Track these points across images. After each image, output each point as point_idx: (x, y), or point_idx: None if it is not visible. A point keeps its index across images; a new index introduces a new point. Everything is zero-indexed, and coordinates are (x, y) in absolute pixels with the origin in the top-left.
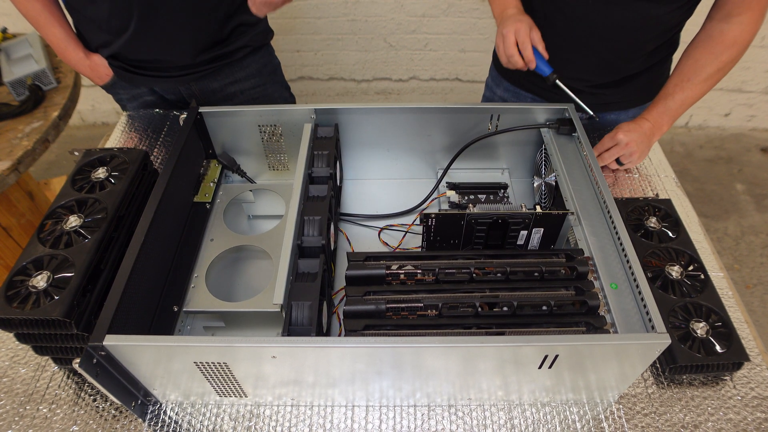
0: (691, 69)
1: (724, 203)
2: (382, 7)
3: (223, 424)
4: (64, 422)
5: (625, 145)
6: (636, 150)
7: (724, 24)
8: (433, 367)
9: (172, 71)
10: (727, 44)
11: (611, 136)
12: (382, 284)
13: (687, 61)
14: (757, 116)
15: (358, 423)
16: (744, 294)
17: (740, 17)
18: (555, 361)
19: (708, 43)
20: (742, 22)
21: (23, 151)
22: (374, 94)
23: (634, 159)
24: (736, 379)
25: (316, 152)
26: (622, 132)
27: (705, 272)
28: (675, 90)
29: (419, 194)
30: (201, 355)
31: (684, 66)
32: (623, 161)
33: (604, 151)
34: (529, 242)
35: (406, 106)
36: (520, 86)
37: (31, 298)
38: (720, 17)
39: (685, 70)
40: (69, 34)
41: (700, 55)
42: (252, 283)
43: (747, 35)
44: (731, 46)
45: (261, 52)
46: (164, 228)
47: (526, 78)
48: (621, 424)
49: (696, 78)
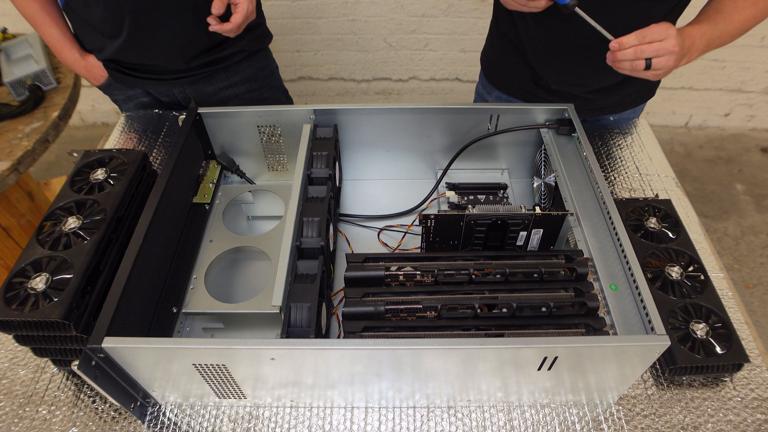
0: (730, 6)
1: (724, 203)
2: (382, 7)
3: (222, 426)
4: (63, 424)
5: (672, 45)
6: (674, 56)
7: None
8: (432, 368)
9: (166, 74)
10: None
11: (658, 29)
12: (381, 286)
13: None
14: (757, 116)
15: (357, 424)
16: (744, 294)
17: None
18: (554, 363)
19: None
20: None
21: (23, 152)
22: (374, 94)
23: (670, 65)
24: (736, 381)
25: (315, 153)
26: (673, 29)
27: (705, 273)
28: (717, 18)
29: (419, 195)
30: (200, 357)
31: (721, 3)
32: (656, 64)
33: (644, 43)
34: (529, 243)
35: (405, 107)
36: (512, 94)
37: (30, 300)
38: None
39: (724, 7)
40: (65, 34)
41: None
42: (251, 285)
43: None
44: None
45: (257, 57)
46: (163, 229)
47: (518, 86)
48: (620, 426)
49: (736, 16)
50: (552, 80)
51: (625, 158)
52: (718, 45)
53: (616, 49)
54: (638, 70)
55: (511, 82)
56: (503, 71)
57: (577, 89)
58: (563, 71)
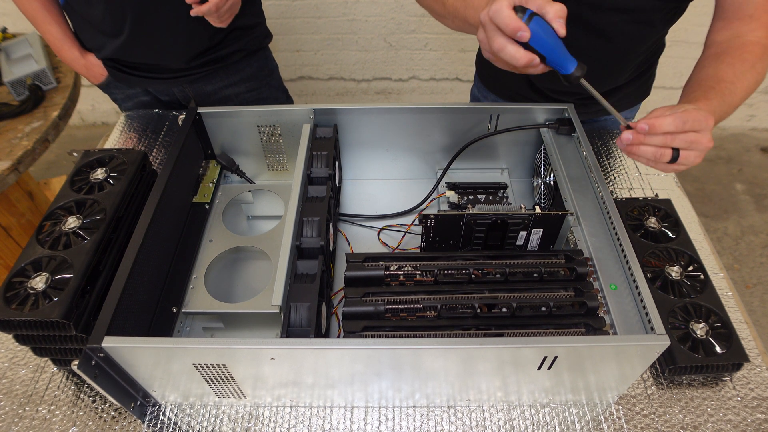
0: (730, 73)
1: (724, 203)
2: (382, 7)
3: (222, 425)
4: (63, 423)
5: (708, 140)
6: (705, 153)
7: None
8: (432, 368)
9: (166, 73)
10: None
11: (698, 117)
12: (381, 285)
13: (720, 66)
14: (757, 116)
15: (357, 424)
16: (744, 294)
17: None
18: (554, 363)
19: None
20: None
21: (23, 151)
22: (374, 94)
23: (696, 162)
24: (735, 380)
25: (315, 153)
26: (711, 120)
27: (705, 272)
28: (722, 89)
29: (418, 194)
30: (200, 356)
31: (718, 70)
32: (683, 158)
33: (681, 131)
34: (529, 243)
35: (405, 107)
36: (507, 98)
37: (30, 300)
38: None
39: (723, 74)
40: (66, 32)
41: (734, 61)
42: (251, 284)
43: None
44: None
45: (257, 56)
46: (163, 229)
47: (513, 90)
48: (620, 425)
49: (739, 84)
50: (547, 86)
51: (625, 158)
52: (719, 122)
53: (645, 132)
54: (659, 161)
55: (506, 86)
56: (498, 75)
57: (573, 97)
58: (558, 77)
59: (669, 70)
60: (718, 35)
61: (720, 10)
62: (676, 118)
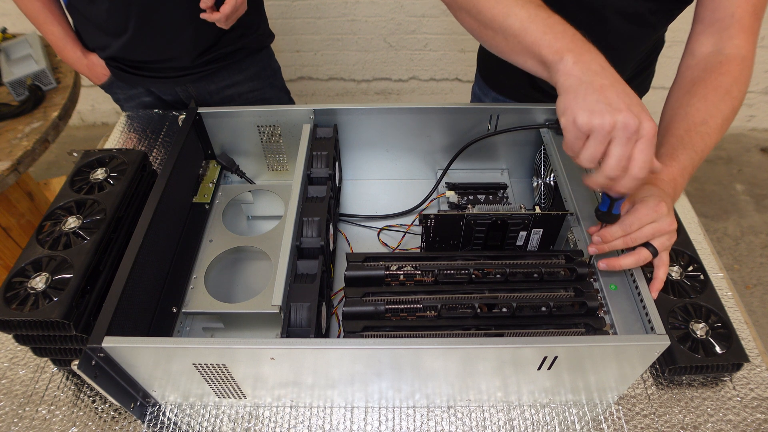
0: (703, 110)
1: (724, 203)
2: (382, 7)
3: (222, 426)
4: (63, 423)
5: (668, 224)
6: (674, 231)
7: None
8: (432, 368)
9: (169, 72)
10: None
11: (645, 212)
12: (381, 285)
13: (692, 101)
14: (757, 116)
15: (357, 424)
16: (744, 294)
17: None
18: (554, 363)
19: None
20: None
21: (23, 152)
22: (374, 94)
23: (673, 241)
24: (735, 380)
25: (315, 153)
26: (663, 207)
27: (704, 273)
28: (692, 138)
29: (418, 195)
30: (200, 356)
31: (690, 109)
32: (659, 247)
33: (630, 232)
34: (529, 243)
35: (405, 107)
36: (509, 96)
37: (30, 300)
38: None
39: (694, 111)
40: (67, 32)
41: (707, 92)
42: (251, 284)
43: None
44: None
45: (260, 55)
46: (163, 229)
47: (515, 88)
48: (620, 425)
49: (712, 122)
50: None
51: None
52: (693, 171)
53: (598, 243)
54: (647, 260)
55: (507, 84)
56: (500, 73)
57: None
58: None
59: (669, 70)
60: (698, 44)
61: (701, 8)
62: (621, 223)
